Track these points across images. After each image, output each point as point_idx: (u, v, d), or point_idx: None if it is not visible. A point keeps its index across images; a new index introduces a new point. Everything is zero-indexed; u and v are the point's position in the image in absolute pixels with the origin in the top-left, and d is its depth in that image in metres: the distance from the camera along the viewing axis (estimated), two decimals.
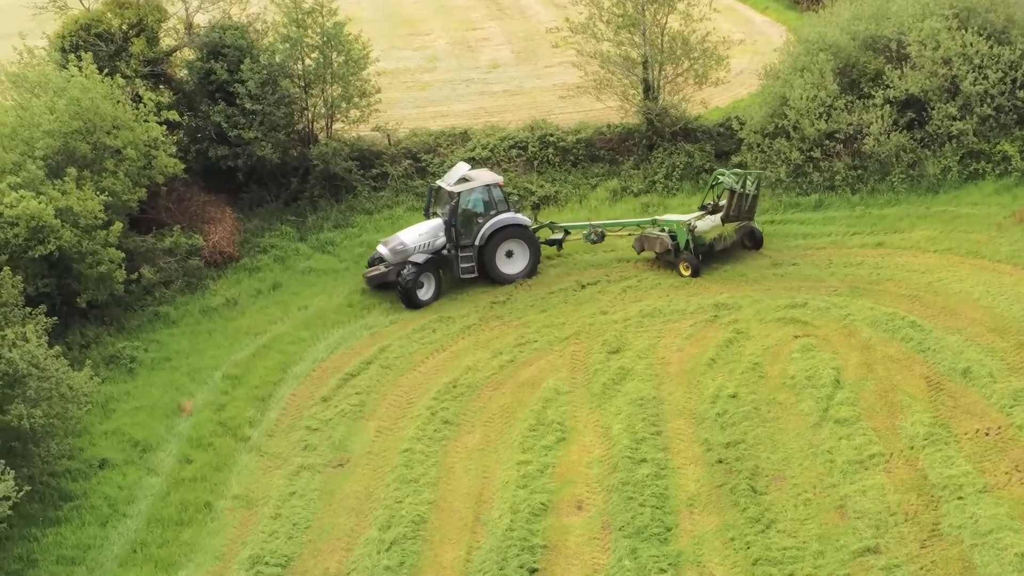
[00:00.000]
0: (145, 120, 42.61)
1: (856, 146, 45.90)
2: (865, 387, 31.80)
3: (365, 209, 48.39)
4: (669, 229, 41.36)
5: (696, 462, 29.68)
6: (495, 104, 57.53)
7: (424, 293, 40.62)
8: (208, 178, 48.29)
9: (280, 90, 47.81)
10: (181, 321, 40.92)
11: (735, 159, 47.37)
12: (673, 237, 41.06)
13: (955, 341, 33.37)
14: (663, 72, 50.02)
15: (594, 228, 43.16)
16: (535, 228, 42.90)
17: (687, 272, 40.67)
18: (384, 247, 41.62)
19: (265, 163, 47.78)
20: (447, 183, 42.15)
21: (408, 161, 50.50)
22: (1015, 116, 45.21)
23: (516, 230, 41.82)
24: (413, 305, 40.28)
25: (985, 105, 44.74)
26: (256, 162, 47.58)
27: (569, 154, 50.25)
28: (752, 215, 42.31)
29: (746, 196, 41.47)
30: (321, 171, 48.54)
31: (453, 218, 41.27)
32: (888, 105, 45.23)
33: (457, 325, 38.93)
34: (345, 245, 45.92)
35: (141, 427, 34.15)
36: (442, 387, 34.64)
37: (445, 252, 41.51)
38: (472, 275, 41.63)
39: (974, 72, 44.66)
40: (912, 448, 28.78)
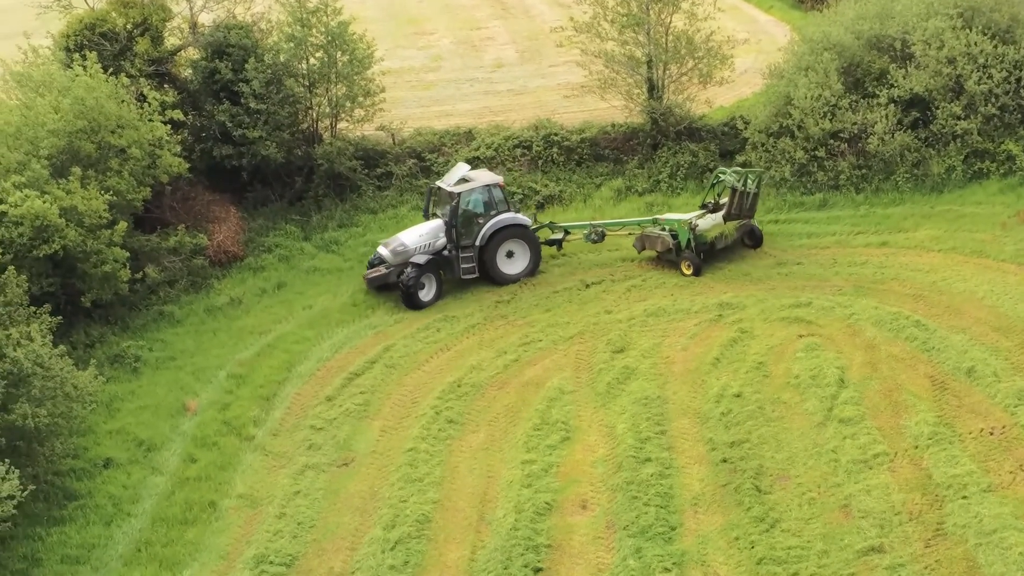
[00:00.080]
0: (149, 119, 42.64)
1: (860, 145, 45.86)
2: (869, 386, 31.79)
3: (369, 208, 48.42)
4: (670, 228, 41.37)
5: (700, 461, 29.68)
6: (499, 103, 57.54)
7: (425, 294, 40.59)
8: (212, 177, 48.29)
9: (284, 89, 47.85)
10: (185, 320, 40.93)
11: (739, 158, 47.35)
12: (674, 236, 41.08)
13: (959, 340, 33.35)
14: (667, 71, 49.99)
15: (594, 228, 43.14)
16: (535, 228, 42.87)
17: (689, 271, 40.69)
18: (384, 248, 41.57)
19: (269, 162, 47.81)
20: (447, 184, 42.09)
21: (412, 160, 50.49)
22: (1019, 115, 45.18)
23: (516, 230, 41.80)
24: (414, 306, 40.25)
25: (989, 104, 44.72)
26: (260, 161, 47.61)
27: (573, 153, 50.23)
28: (752, 213, 42.35)
29: (747, 194, 41.50)
30: (325, 170, 48.57)
31: (453, 219, 41.22)
32: (892, 104, 45.21)
33: (461, 324, 38.93)
34: (349, 244, 45.93)
35: (145, 426, 34.16)
36: (446, 386, 34.64)
37: (446, 253, 41.48)
38: (473, 275, 41.59)
39: (978, 71, 44.63)
40: (916, 447, 28.77)
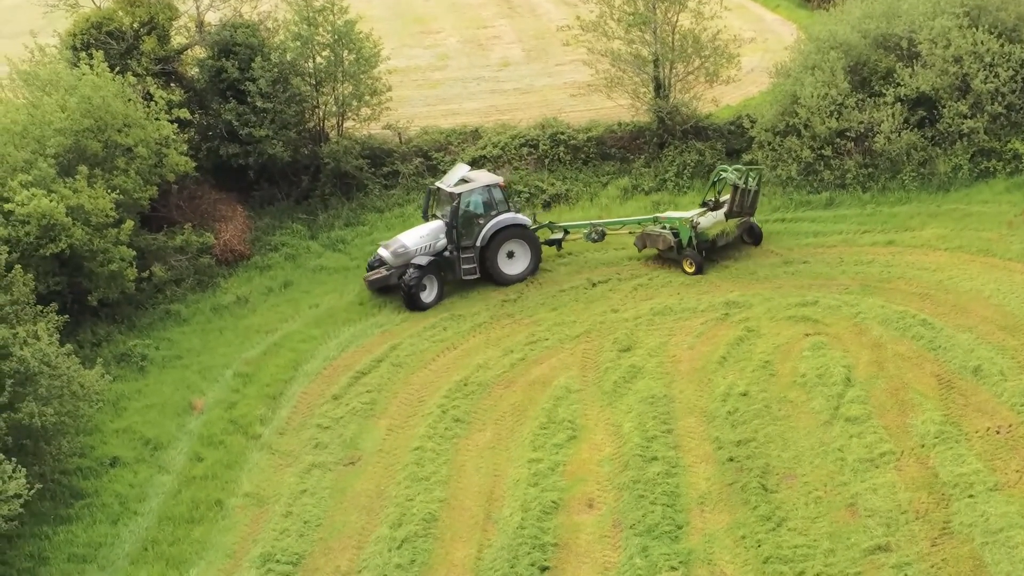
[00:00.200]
0: (156, 118, 42.70)
1: (867, 144, 45.85)
2: (876, 385, 31.78)
3: (376, 207, 48.46)
4: (671, 226, 41.39)
5: (707, 460, 29.68)
6: (506, 102, 57.53)
7: (427, 295, 40.50)
8: (219, 176, 48.36)
9: (291, 88, 47.89)
10: (192, 319, 40.99)
11: (746, 157, 47.34)
12: (675, 234, 41.10)
13: (966, 339, 33.33)
14: (674, 70, 49.97)
15: (594, 227, 43.13)
16: (534, 228, 42.83)
17: (691, 269, 40.71)
18: (385, 250, 41.49)
19: (276, 161, 47.87)
20: (447, 184, 42.04)
21: (419, 159, 50.55)
22: None
23: (517, 230, 41.78)
24: (416, 307, 40.18)
25: (996, 103, 44.68)
26: (267, 160, 47.67)
27: (580, 152, 50.24)
28: (753, 211, 42.38)
29: (748, 192, 41.52)
30: (332, 169, 48.62)
31: (454, 219, 41.20)
32: (899, 103, 45.17)
33: (468, 323, 38.95)
34: (356, 243, 45.96)
35: (152, 425, 34.22)
36: (453, 385, 34.66)
37: (447, 254, 41.45)
38: (474, 276, 41.55)
39: (985, 70, 44.57)
40: (923, 446, 28.76)
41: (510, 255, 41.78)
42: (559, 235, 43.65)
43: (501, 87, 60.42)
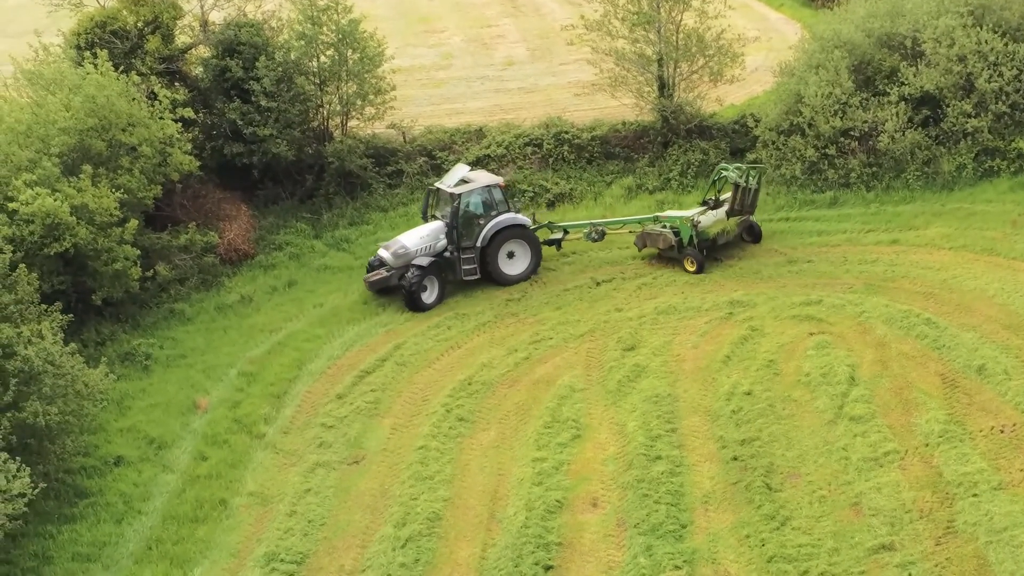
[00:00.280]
0: (160, 117, 42.73)
1: (871, 143, 45.82)
2: (880, 384, 31.76)
3: (380, 206, 48.48)
4: (672, 225, 41.38)
5: (711, 459, 29.68)
6: (510, 101, 57.54)
7: (428, 296, 40.42)
8: (223, 175, 48.35)
9: (295, 87, 47.89)
10: (196, 318, 41.01)
11: (750, 156, 47.34)
12: (676, 233, 41.09)
13: (970, 338, 33.32)
14: (678, 69, 49.99)
15: (594, 227, 43.10)
16: (534, 228, 42.79)
17: (692, 268, 40.71)
18: (385, 251, 41.38)
19: (280, 160, 47.87)
20: (447, 185, 41.99)
21: (423, 158, 50.54)
22: None
23: (517, 230, 41.76)
24: (417, 308, 40.10)
25: (1000, 102, 44.65)
26: (271, 159, 47.66)
27: (584, 151, 50.23)
28: (753, 209, 42.40)
29: (748, 190, 41.52)
30: (336, 168, 48.62)
31: (454, 220, 41.18)
32: (903, 102, 45.14)
33: (472, 322, 38.95)
34: (360, 242, 45.95)
35: (156, 424, 34.23)
36: (457, 384, 34.67)
37: (447, 254, 41.42)
38: (475, 277, 41.52)
39: (989, 69, 44.54)
40: (927, 445, 28.75)
41: (510, 255, 41.74)
42: (559, 235, 43.61)
43: (505, 86, 60.44)
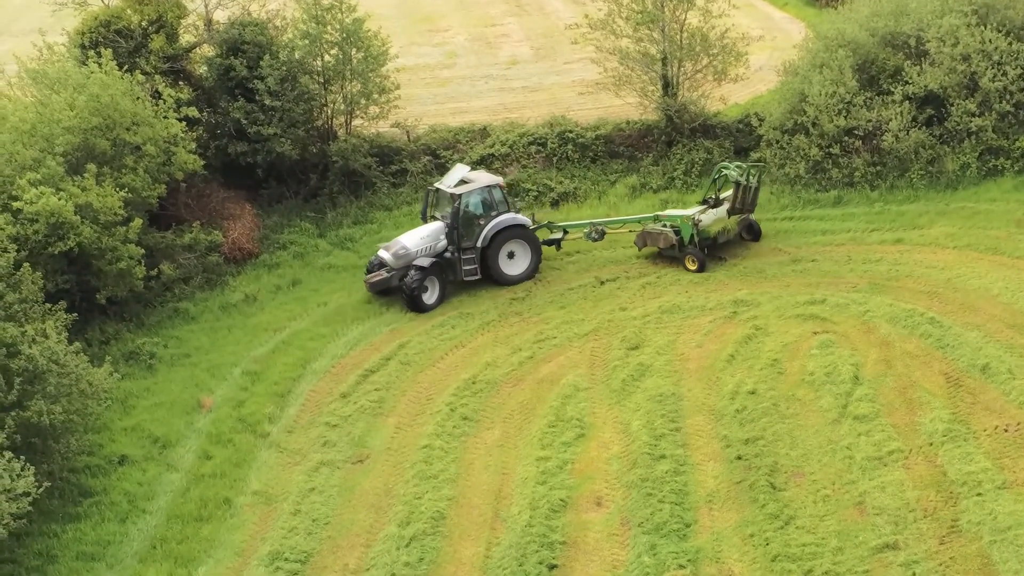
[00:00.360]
0: (164, 116, 42.75)
1: (875, 142, 45.80)
2: (884, 383, 31.75)
3: (384, 205, 48.47)
4: (672, 224, 41.37)
5: (715, 458, 29.67)
6: (514, 100, 57.55)
7: (428, 297, 40.35)
8: (227, 174, 48.39)
9: (299, 86, 47.92)
10: (200, 317, 41.03)
11: (754, 155, 47.40)
12: (676, 232, 41.09)
13: (974, 337, 33.30)
14: (682, 68, 49.97)
15: (594, 226, 43.09)
16: (533, 228, 42.76)
17: (693, 266, 40.72)
18: (386, 252, 41.31)
19: (284, 159, 47.91)
20: (447, 185, 41.98)
21: (427, 157, 50.55)
22: None
23: (517, 230, 41.74)
24: (418, 309, 40.06)
25: (1004, 102, 44.62)
26: (275, 158, 47.69)
27: (588, 150, 50.24)
28: (753, 208, 42.41)
29: (749, 189, 41.53)
30: (340, 167, 48.64)
31: (455, 220, 41.16)
32: (907, 101, 45.12)
33: (476, 321, 38.96)
34: (364, 241, 45.95)
35: (160, 423, 34.24)
36: (461, 383, 34.67)
37: (447, 255, 41.39)
38: (475, 277, 41.51)
39: (993, 68, 44.50)
40: (931, 444, 28.73)
41: (511, 255, 41.73)
42: (558, 235, 43.59)
43: (509, 85, 60.44)
